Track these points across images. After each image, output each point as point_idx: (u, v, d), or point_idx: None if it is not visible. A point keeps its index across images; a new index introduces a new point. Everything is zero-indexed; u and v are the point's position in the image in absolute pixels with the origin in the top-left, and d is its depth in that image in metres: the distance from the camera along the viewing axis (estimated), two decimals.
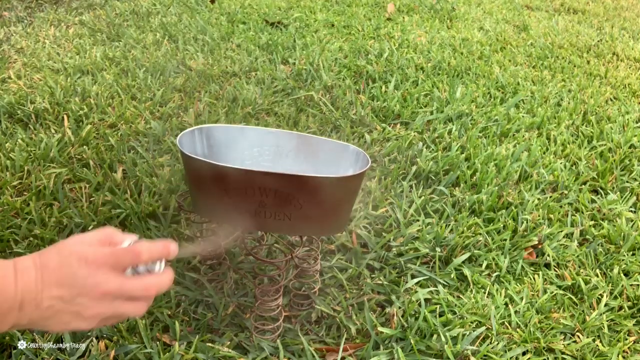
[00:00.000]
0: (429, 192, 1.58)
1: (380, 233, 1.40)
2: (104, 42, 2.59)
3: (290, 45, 2.67)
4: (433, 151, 1.78)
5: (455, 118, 2.04)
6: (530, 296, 1.25)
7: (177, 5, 3.23)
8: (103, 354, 1.03)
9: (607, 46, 3.08)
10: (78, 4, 3.18)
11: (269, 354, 1.07)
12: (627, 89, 2.47)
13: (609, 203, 1.61)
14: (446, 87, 2.30)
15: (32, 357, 1.02)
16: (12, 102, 1.88)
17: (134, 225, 1.36)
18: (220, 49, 2.55)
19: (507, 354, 1.09)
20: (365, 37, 2.92)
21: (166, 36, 2.67)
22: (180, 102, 2.02)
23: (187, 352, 1.04)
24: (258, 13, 3.21)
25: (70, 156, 1.64)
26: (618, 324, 1.21)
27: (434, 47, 2.78)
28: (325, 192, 0.96)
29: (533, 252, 1.41)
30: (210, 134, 1.11)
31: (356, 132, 1.87)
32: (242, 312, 1.16)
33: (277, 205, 0.96)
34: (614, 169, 1.78)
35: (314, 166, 1.12)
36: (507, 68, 2.60)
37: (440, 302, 1.19)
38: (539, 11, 3.89)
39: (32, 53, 2.38)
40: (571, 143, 1.94)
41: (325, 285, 1.24)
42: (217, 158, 1.11)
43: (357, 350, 1.09)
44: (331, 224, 1.05)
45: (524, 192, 1.60)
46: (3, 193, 1.45)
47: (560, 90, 2.38)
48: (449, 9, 3.62)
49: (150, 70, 2.25)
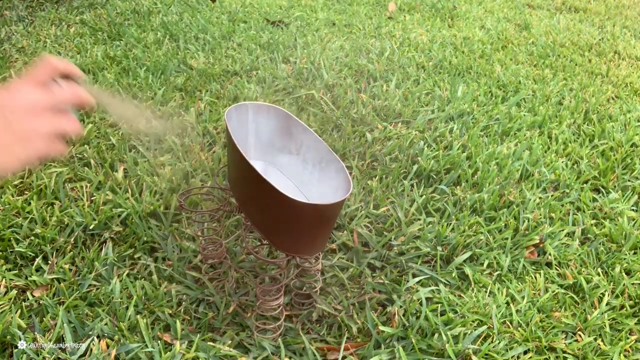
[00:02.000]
0: (430, 191, 1.57)
1: (382, 232, 1.40)
2: (105, 41, 2.59)
3: (291, 44, 2.67)
4: (434, 150, 1.78)
5: (457, 117, 2.04)
6: (532, 295, 1.25)
7: (178, 4, 3.22)
8: (104, 353, 1.03)
9: (608, 45, 3.08)
10: (79, 3, 3.18)
11: (270, 353, 1.07)
12: (629, 88, 2.47)
13: (610, 202, 1.60)
14: (447, 86, 2.29)
15: (33, 357, 1.02)
16: None
17: (135, 224, 1.36)
18: (221, 48, 2.55)
19: (508, 353, 1.09)
20: (366, 36, 2.92)
21: (167, 35, 2.67)
22: (182, 101, 2.02)
23: (188, 351, 1.04)
24: (259, 12, 3.21)
25: (72, 155, 1.64)
26: (619, 322, 1.21)
27: (435, 46, 2.78)
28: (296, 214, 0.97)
29: (534, 251, 1.40)
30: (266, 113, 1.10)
31: (357, 131, 1.87)
32: (243, 311, 1.15)
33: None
34: (616, 167, 1.78)
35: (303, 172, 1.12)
36: (508, 67, 2.60)
37: (442, 301, 1.19)
38: (540, 10, 3.88)
39: (33, 52, 2.38)
40: (572, 142, 1.93)
41: (327, 284, 1.24)
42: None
43: (358, 349, 1.09)
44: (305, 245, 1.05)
45: (525, 191, 1.60)
46: (4, 192, 1.45)
47: (562, 89, 2.38)
48: (450, 8, 3.61)
49: (152, 69, 2.25)
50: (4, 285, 1.18)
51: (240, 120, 1.06)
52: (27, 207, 1.39)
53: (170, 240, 1.32)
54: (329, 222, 1.01)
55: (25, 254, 1.27)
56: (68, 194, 1.46)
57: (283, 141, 1.11)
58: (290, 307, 1.18)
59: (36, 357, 1.02)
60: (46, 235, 1.29)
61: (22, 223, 1.33)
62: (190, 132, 1.80)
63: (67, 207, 1.41)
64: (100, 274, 1.23)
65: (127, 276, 1.22)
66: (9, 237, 1.29)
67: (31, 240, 1.29)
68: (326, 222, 1.00)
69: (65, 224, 1.35)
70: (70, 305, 1.13)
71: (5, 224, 1.33)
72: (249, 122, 1.09)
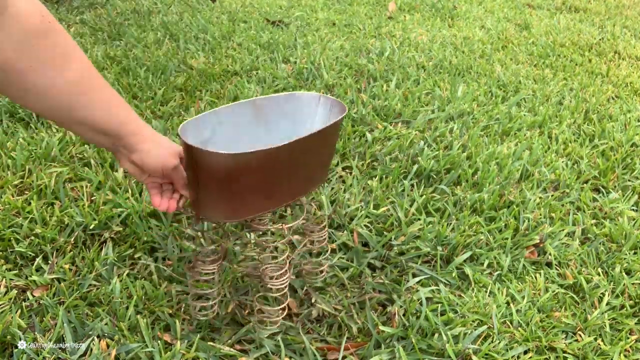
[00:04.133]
0: (430, 191, 1.57)
1: (382, 232, 1.40)
2: (105, 41, 2.59)
3: (291, 44, 2.67)
4: (434, 150, 1.78)
5: (457, 117, 2.04)
6: (532, 295, 1.25)
7: (178, 4, 3.23)
8: (104, 353, 1.03)
9: (608, 44, 3.08)
10: (79, 3, 3.18)
11: (270, 352, 1.07)
12: (629, 88, 2.47)
13: (610, 202, 1.60)
14: (447, 86, 2.29)
15: (33, 357, 1.02)
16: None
17: (135, 224, 1.36)
18: (222, 48, 2.55)
19: (508, 353, 1.09)
20: (366, 36, 2.92)
21: (167, 35, 2.67)
22: (182, 101, 2.02)
23: (188, 351, 1.04)
24: (259, 12, 3.21)
25: (72, 155, 1.64)
26: (620, 322, 1.21)
27: (435, 46, 2.78)
28: (332, 136, 0.98)
29: (534, 251, 1.40)
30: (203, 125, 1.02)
31: (357, 131, 1.87)
32: (243, 310, 1.15)
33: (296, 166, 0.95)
34: (616, 167, 1.78)
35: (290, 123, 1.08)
36: (508, 66, 2.60)
37: (442, 301, 1.19)
38: (540, 9, 3.88)
39: None
40: (573, 142, 1.93)
41: (327, 284, 1.24)
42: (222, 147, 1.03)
43: (359, 349, 1.09)
44: (327, 168, 1.07)
45: (525, 190, 1.60)
46: (4, 192, 1.45)
47: (562, 89, 2.38)
48: (450, 8, 3.61)
49: (152, 69, 2.25)
50: (4, 285, 1.18)
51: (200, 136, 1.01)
52: (27, 207, 1.39)
53: (170, 240, 1.32)
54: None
55: (25, 254, 1.27)
56: (68, 194, 1.46)
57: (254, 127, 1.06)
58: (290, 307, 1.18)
59: (36, 357, 1.02)
60: (46, 235, 1.29)
61: (22, 223, 1.33)
62: None
63: (67, 207, 1.41)
64: (101, 273, 1.23)
65: (127, 276, 1.22)
66: (9, 237, 1.29)
67: (31, 240, 1.29)
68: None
69: (65, 223, 1.35)
70: (71, 305, 1.13)
71: (5, 223, 1.33)
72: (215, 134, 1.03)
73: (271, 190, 0.96)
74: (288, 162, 0.93)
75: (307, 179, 1.02)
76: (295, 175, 0.97)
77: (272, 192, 0.96)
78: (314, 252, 1.26)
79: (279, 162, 0.91)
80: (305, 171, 0.99)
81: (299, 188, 1.01)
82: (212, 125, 1.01)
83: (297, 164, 0.95)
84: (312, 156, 0.98)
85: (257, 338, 1.08)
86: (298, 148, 0.91)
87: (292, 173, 0.96)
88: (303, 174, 0.99)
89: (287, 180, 0.97)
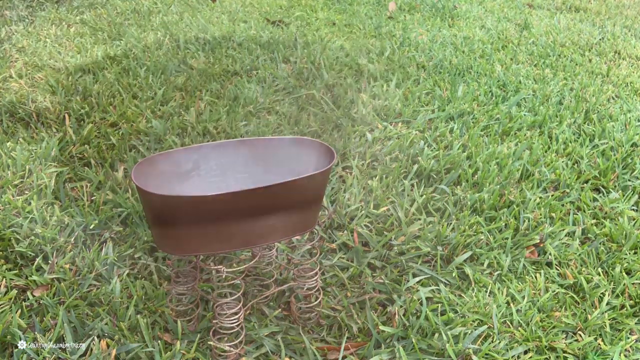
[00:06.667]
0: (431, 191, 1.57)
1: (382, 232, 1.40)
2: (105, 41, 2.59)
3: (291, 44, 2.67)
4: (434, 150, 1.78)
5: (457, 117, 2.03)
6: (532, 295, 1.25)
7: (178, 4, 3.22)
8: (104, 352, 1.03)
9: (608, 44, 3.08)
10: (79, 3, 3.18)
11: (270, 352, 1.07)
12: (629, 87, 2.47)
13: (610, 202, 1.60)
14: (448, 86, 2.29)
15: (33, 357, 1.02)
16: (13, 101, 1.88)
17: (135, 224, 1.36)
18: (222, 48, 2.54)
19: (508, 353, 1.09)
20: (366, 36, 2.92)
21: (167, 35, 2.67)
22: (182, 101, 2.02)
23: (188, 351, 1.04)
24: (259, 12, 3.21)
25: (72, 155, 1.64)
26: (620, 322, 1.20)
27: (436, 46, 2.78)
28: (312, 186, 0.97)
29: (535, 250, 1.40)
30: (154, 165, 1.03)
31: (357, 131, 1.87)
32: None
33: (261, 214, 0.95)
34: (616, 167, 1.78)
35: (267, 168, 1.09)
36: (508, 66, 2.60)
37: (442, 301, 1.19)
38: (540, 9, 3.88)
39: (34, 52, 2.38)
40: (573, 141, 1.93)
41: (327, 284, 1.23)
42: (170, 188, 1.05)
43: (359, 349, 1.09)
44: (311, 217, 1.04)
45: (525, 190, 1.60)
46: (4, 192, 1.45)
47: (562, 89, 2.38)
48: (451, 7, 3.61)
49: (152, 69, 2.25)
50: (4, 285, 1.18)
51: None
52: (27, 207, 1.39)
53: None
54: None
55: (25, 254, 1.27)
56: (68, 194, 1.46)
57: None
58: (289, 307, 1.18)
59: (36, 357, 1.02)
60: (46, 235, 1.29)
61: (22, 223, 1.33)
62: (190, 131, 1.80)
63: (68, 207, 1.41)
64: (101, 273, 1.23)
65: (128, 276, 1.22)
66: (9, 237, 1.29)
67: (31, 240, 1.29)
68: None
69: (65, 223, 1.35)
70: (71, 305, 1.13)
71: (5, 224, 1.33)
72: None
73: (225, 232, 0.95)
74: (247, 209, 0.92)
75: (285, 225, 0.99)
76: (261, 221, 0.96)
77: (227, 234, 0.95)
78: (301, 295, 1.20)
79: (231, 207, 0.91)
80: (277, 219, 0.97)
81: (273, 234, 0.99)
82: (199, 157, 1.04)
83: (263, 211, 0.94)
84: (287, 203, 0.96)
85: (257, 337, 1.08)
86: (253, 197, 0.91)
87: (256, 219, 0.95)
88: (275, 221, 0.97)
89: (249, 225, 0.95)
